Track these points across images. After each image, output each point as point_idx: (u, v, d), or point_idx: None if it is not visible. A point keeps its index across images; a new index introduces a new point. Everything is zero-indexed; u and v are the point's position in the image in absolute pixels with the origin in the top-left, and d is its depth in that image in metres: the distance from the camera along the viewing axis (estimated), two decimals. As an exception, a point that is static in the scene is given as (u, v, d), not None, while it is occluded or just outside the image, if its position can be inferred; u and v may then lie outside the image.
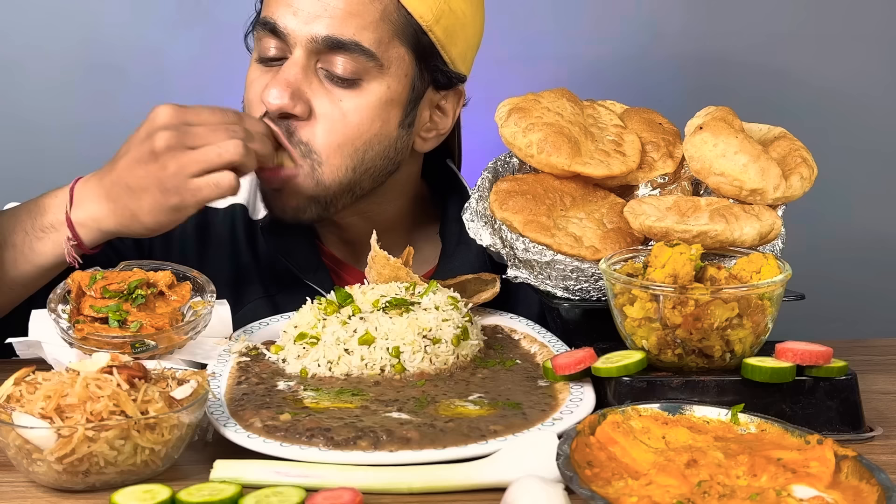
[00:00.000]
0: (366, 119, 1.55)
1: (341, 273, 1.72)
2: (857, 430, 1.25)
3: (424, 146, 1.69)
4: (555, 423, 1.17)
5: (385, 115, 1.57)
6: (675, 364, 1.26)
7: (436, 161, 1.77)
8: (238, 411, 1.20)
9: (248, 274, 1.68)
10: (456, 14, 1.60)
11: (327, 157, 1.55)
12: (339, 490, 1.03)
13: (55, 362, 1.35)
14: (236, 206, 1.72)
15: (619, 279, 1.27)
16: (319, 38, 1.51)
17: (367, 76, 1.54)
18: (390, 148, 1.61)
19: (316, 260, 1.69)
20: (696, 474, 1.01)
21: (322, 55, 1.53)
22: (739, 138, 1.40)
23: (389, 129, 1.59)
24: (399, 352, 1.33)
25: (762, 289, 1.24)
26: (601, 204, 1.49)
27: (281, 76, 1.52)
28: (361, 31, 1.51)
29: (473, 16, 1.64)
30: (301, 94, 1.53)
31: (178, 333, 1.34)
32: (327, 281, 1.66)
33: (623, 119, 1.59)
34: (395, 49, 1.55)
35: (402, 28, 1.55)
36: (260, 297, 1.64)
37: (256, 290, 1.65)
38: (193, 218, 1.66)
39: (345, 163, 1.56)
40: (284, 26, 1.52)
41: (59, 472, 1.07)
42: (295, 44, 1.53)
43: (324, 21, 1.51)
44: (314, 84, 1.54)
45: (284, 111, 1.52)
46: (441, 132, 1.70)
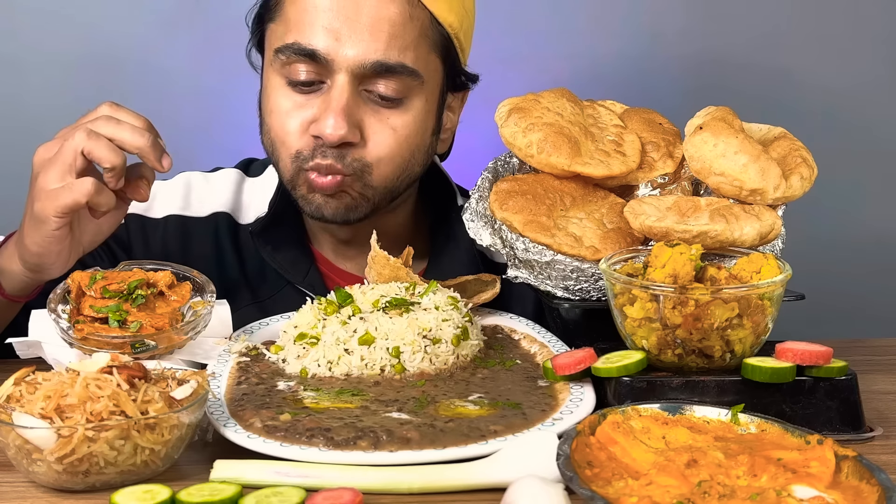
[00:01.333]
0: (412, 133, 1.57)
1: (333, 277, 1.71)
2: (857, 430, 1.25)
3: (442, 147, 1.71)
4: (555, 423, 1.17)
5: (425, 125, 1.60)
6: (675, 364, 1.26)
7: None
8: (238, 411, 1.20)
9: (235, 281, 1.67)
10: (469, 14, 1.63)
11: (377, 168, 1.56)
12: (339, 490, 1.03)
13: (55, 362, 1.35)
14: (219, 214, 1.71)
15: (619, 279, 1.27)
16: (368, 64, 1.50)
17: (411, 94, 1.55)
18: (425, 154, 1.64)
19: (308, 264, 1.68)
20: (696, 474, 1.01)
21: (367, 79, 1.52)
22: (739, 138, 1.40)
23: (427, 138, 1.62)
24: (399, 352, 1.33)
25: (762, 289, 1.24)
26: (601, 204, 1.49)
27: (335, 105, 1.50)
28: (405, 51, 1.52)
29: (473, 10, 1.66)
30: (353, 120, 1.52)
31: (178, 333, 1.34)
32: (319, 285, 1.65)
33: (623, 119, 1.59)
34: (431, 62, 1.57)
35: (436, 40, 1.57)
36: (249, 303, 1.62)
37: (245, 296, 1.63)
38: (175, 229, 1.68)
39: (393, 172, 1.58)
40: (327, 53, 1.49)
41: (59, 472, 1.07)
42: (339, 70, 1.50)
43: (370, 45, 1.49)
44: (362, 107, 1.53)
45: (346, 140, 1.51)
46: (451, 131, 1.72)
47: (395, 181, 1.59)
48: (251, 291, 1.67)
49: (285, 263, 1.66)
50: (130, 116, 1.38)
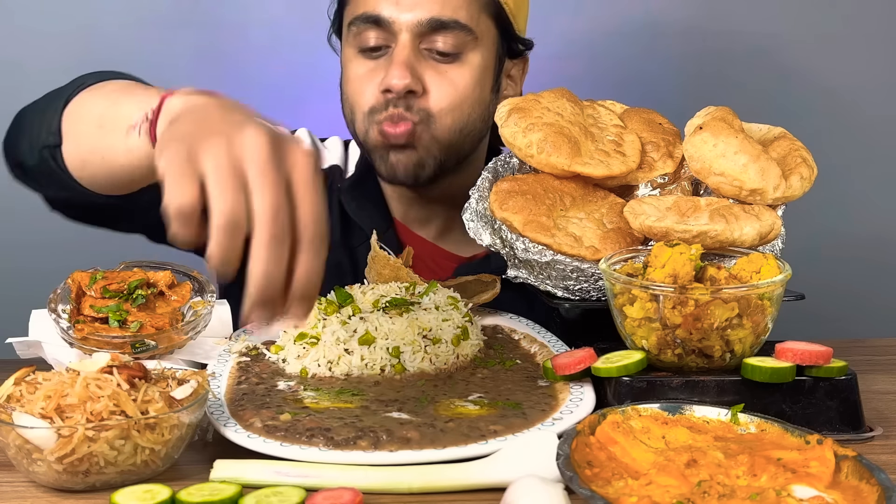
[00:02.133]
0: (469, 85, 1.70)
1: (405, 238, 1.84)
2: (857, 430, 1.25)
3: None
4: (555, 423, 1.17)
5: (483, 81, 1.72)
6: (675, 364, 1.26)
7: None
8: (238, 411, 1.20)
9: (333, 226, 1.78)
10: None
11: (440, 119, 1.68)
12: (339, 490, 1.03)
13: (55, 362, 1.35)
14: (334, 168, 1.86)
15: (619, 279, 1.27)
16: (424, 22, 1.65)
17: (466, 49, 1.69)
18: (486, 111, 1.74)
19: (386, 224, 1.82)
20: (695, 474, 1.01)
21: (425, 36, 1.67)
22: (739, 138, 1.40)
23: (485, 94, 1.74)
24: (399, 352, 1.33)
25: (762, 289, 1.24)
26: (601, 204, 1.49)
27: (398, 59, 1.65)
28: (458, 10, 1.67)
29: None
30: (417, 73, 1.66)
31: (178, 333, 1.34)
32: (395, 242, 1.80)
33: (623, 119, 1.59)
34: (483, 22, 1.71)
35: (486, 3, 1.71)
36: (339, 246, 1.78)
37: (337, 240, 1.79)
38: None
39: (455, 123, 1.69)
40: (389, 16, 1.66)
41: (59, 472, 1.07)
42: (400, 30, 1.66)
43: (425, 6, 1.66)
44: (422, 63, 1.68)
45: (409, 88, 1.65)
46: None
47: (457, 133, 1.71)
48: (344, 237, 1.81)
49: (367, 221, 1.80)
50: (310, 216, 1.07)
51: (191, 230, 0.98)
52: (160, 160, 1.01)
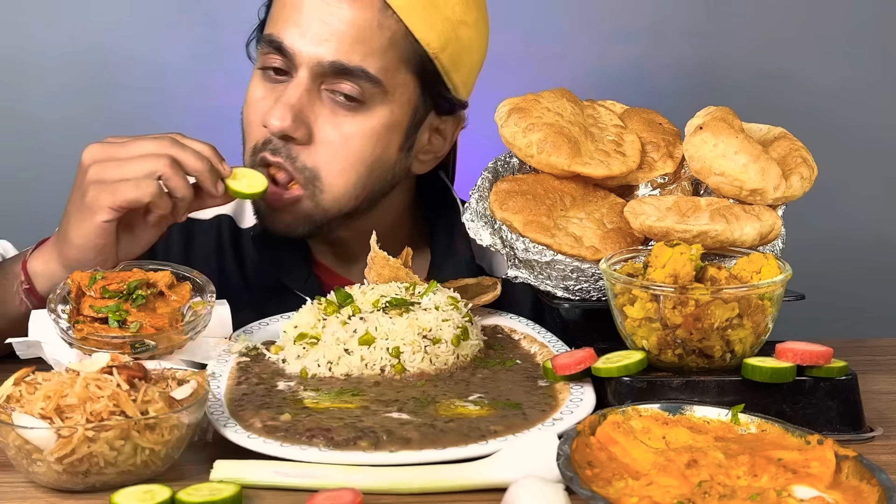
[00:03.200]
0: (367, 144, 1.56)
1: (331, 283, 1.68)
2: (857, 430, 1.25)
3: (421, 168, 1.70)
4: (555, 424, 1.17)
5: (386, 139, 1.58)
6: (676, 364, 1.26)
7: (429, 173, 1.76)
8: (238, 411, 1.20)
9: (235, 285, 1.68)
10: (462, 41, 1.60)
11: (329, 184, 1.56)
12: (340, 490, 1.03)
13: (55, 362, 1.35)
14: (222, 217, 1.73)
15: (620, 279, 1.27)
16: (326, 63, 1.51)
17: (372, 101, 1.54)
18: (389, 171, 1.62)
19: (306, 270, 1.69)
20: (696, 474, 1.01)
21: (327, 78, 1.53)
22: (739, 138, 1.40)
23: (390, 154, 1.60)
24: (399, 352, 1.32)
25: (762, 289, 1.24)
26: (601, 204, 1.49)
27: (285, 99, 1.52)
28: (368, 57, 1.52)
29: (479, 42, 1.64)
30: (303, 118, 1.53)
31: (178, 333, 1.34)
32: (318, 291, 1.62)
33: (623, 119, 1.59)
34: (400, 75, 1.56)
35: (408, 55, 1.56)
36: (248, 308, 1.57)
37: (244, 301, 1.60)
38: (179, 230, 1.69)
39: (348, 189, 1.57)
40: (291, 46, 1.52)
41: (59, 473, 1.07)
42: (300, 64, 1.52)
43: (331, 45, 1.51)
44: (317, 107, 1.54)
45: (286, 133, 1.52)
46: (438, 155, 1.70)
47: (351, 201, 1.59)
48: (251, 296, 1.67)
49: (285, 269, 1.68)
50: (194, 143, 1.44)
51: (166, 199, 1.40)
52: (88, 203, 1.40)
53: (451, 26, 1.57)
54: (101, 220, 1.39)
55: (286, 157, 1.54)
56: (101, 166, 1.39)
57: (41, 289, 1.45)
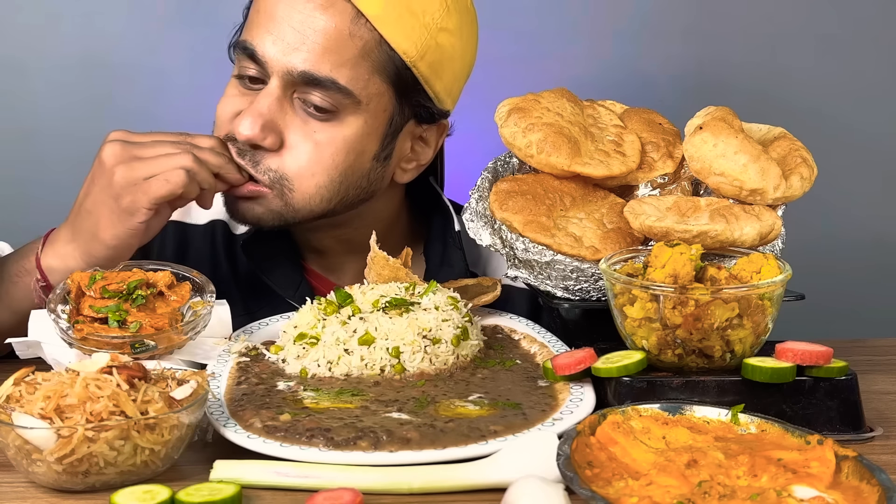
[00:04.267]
0: (339, 152, 1.54)
1: (323, 290, 1.68)
2: (857, 430, 1.25)
3: (404, 177, 1.68)
4: (555, 424, 1.17)
5: (359, 147, 1.56)
6: (676, 364, 1.26)
7: (419, 180, 1.75)
8: (238, 411, 1.20)
9: (228, 290, 1.64)
10: (443, 49, 1.57)
11: (299, 185, 1.54)
12: (339, 490, 1.03)
13: (55, 362, 1.35)
14: (216, 222, 1.73)
15: (619, 279, 1.27)
16: (296, 73, 1.50)
17: (344, 111, 1.53)
18: (363, 178, 1.60)
19: (298, 277, 1.69)
20: (696, 474, 1.01)
21: (298, 87, 1.52)
22: (739, 138, 1.40)
23: (363, 162, 1.58)
24: (399, 352, 1.32)
25: (762, 289, 1.24)
26: (601, 204, 1.49)
27: (255, 107, 1.51)
28: (339, 68, 1.50)
29: (463, 49, 1.61)
30: (273, 126, 1.52)
31: (178, 333, 1.34)
32: (308, 292, 1.63)
33: (623, 119, 1.59)
34: (374, 85, 1.53)
35: (382, 64, 1.53)
36: (241, 314, 1.56)
37: (237, 307, 1.55)
38: (173, 235, 1.69)
39: (319, 191, 1.55)
40: (263, 53, 1.51)
41: (59, 473, 1.07)
42: (272, 73, 1.51)
43: (301, 54, 1.49)
44: (289, 115, 1.53)
45: (253, 142, 1.52)
46: (422, 163, 1.69)
47: (324, 203, 1.57)
48: (243, 302, 1.65)
49: (276, 276, 1.67)
50: (205, 139, 1.51)
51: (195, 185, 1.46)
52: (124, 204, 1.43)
53: (430, 34, 1.54)
54: (139, 221, 1.43)
55: (250, 160, 1.53)
56: (127, 167, 1.43)
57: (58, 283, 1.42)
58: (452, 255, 1.72)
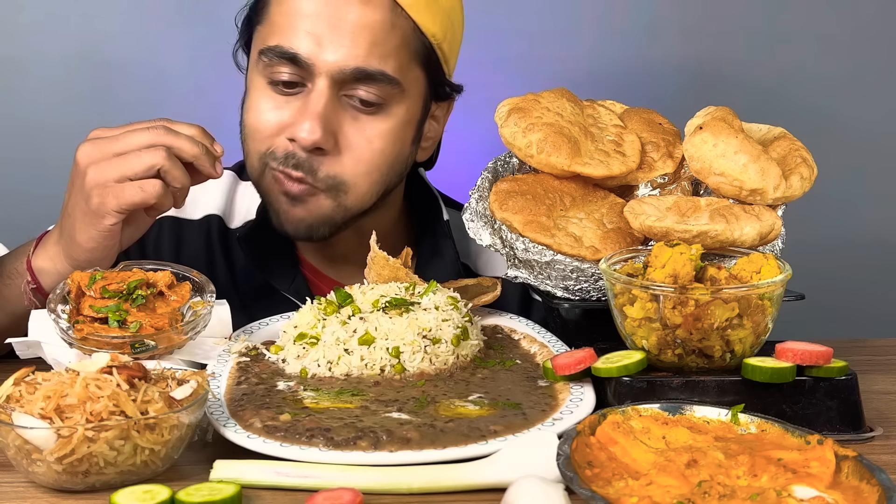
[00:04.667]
0: (389, 143, 1.57)
1: (319, 283, 1.71)
2: (857, 430, 1.25)
3: (423, 155, 1.71)
4: (555, 424, 1.17)
5: (403, 136, 1.59)
6: (675, 364, 1.26)
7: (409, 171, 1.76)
8: (238, 411, 1.20)
9: (223, 285, 1.66)
10: (455, 27, 1.62)
11: (354, 186, 1.56)
12: (339, 490, 1.03)
13: (55, 362, 1.35)
14: (211, 217, 1.73)
15: (619, 279, 1.27)
16: (348, 70, 1.50)
17: (391, 101, 1.55)
18: (403, 165, 1.63)
19: (293, 271, 1.69)
20: (696, 474, 1.01)
21: (346, 84, 1.52)
22: (739, 138, 1.40)
23: (405, 148, 1.62)
24: (399, 352, 1.32)
25: (762, 289, 1.24)
26: (601, 204, 1.49)
27: (311, 110, 1.51)
28: (385, 59, 1.52)
29: (461, 23, 1.66)
30: (330, 127, 1.52)
31: (178, 333, 1.34)
32: (305, 292, 1.64)
33: (623, 119, 1.59)
34: (412, 71, 1.57)
35: (417, 50, 1.57)
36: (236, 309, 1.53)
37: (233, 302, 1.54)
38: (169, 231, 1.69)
39: (370, 189, 1.58)
40: (308, 57, 1.50)
41: (59, 473, 1.07)
42: (319, 74, 1.51)
43: (351, 51, 1.50)
44: (339, 114, 1.54)
45: (318, 146, 1.52)
46: (434, 140, 1.72)
47: (372, 198, 1.59)
48: (239, 297, 1.65)
49: (272, 270, 1.67)
50: (185, 127, 1.41)
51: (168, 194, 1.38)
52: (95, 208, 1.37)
53: (446, 13, 1.59)
54: (109, 224, 1.38)
55: (308, 170, 1.54)
56: (99, 167, 1.37)
57: (49, 286, 1.44)
58: (443, 246, 1.72)
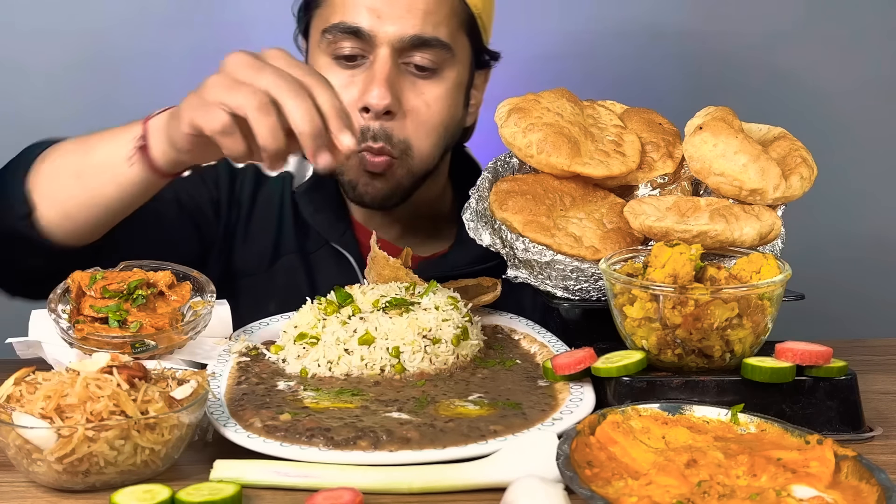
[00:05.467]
0: (445, 105, 1.69)
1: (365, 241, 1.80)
2: (856, 430, 1.25)
3: (469, 119, 1.82)
4: (555, 423, 1.17)
5: (457, 98, 1.72)
6: (675, 364, 1.26)
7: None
8: (238, 411, 1.20)
9: (287, 233, 1.80)
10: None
11: (418, 149, 1.68)
12: (339, 490, 1.03)
13: (55, 362, 1.35)
14: (287, 174, 1.83)
15: (619, 279, 1.27)
16: (406, 38, 1.63)
17: (444, 65, 1.67)
18: (457, 127, 1.75)
19: (344, 226, 1.80)
20: (695, 474, 1.01)
21: (404, 52, 1.64)
22: (739, 138, 1.40)
23: (458, 111, 1.74)
24: (399, 352, 1.33)
25: (762, 289, 1.24)
26: (601, 204, 1.49)
27: (379, 77, 1.63)
28: (438, 27, 1.65)
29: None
30: (395, 91, 1.64)
31: (178, 333, 1.34)
32: (352, 245, 1.78)
33: (623, 119, 1.59)
34: (460, 38, 1.70)
35: (462, 18, 1.70)
36: (294, 251, 1.77)
37: (292, 246, 1.78)
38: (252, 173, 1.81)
39: (432, 150, 1.70)
40: (370, 28, 1.63)
41: (59, 472, 1.07)
42: (381, 44, 1.63)
43: (408, 21, 1.63)
44: (400, 79, 1.66)
45: (388, 109, 1.63)
46: (477, 106, 1.84)
47: (433, 159, 1.71)
48: (299, 244, 1.79)
49: (324, 224, 1.78)
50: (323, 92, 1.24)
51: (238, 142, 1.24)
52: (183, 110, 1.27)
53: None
54: (184, 131, 1.28)
55: (385, 138, 1.65)
56: (215, 79, 1.26)
57: (154, 151, 1.37)
58: None
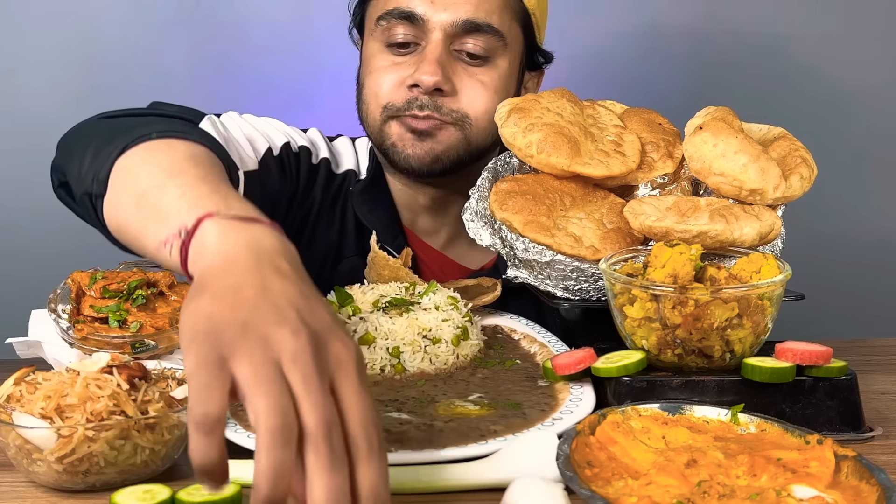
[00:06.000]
0: (497, 90, 1.71)
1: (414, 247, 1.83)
2: (856, 430, 1.25)
3: None
4: (555, 423, 1.17)
5: (508, 87, 1.74)
6: (675, 364, 1.26)
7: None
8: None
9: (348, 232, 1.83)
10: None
11: (476, 121, 1.70)
12: (339, 490, 1.03)
13: (55, 362, 1.35)
14: (350, 171, 1.85)
15: (619, 279, 1.27)
16: (459, 23, 1.67)
17: (495, 54, 1.70)
18: None
19: (396, 229, 1.83)
20: (695, 474, 1.01)
21: (456, 38, 1.68)
22: (739, 138, 1.40)
23: None
24: (399, 352, 1.33)
25: (762, 289, 1.24)
26: (601, 204, 1.49)
27: (430, 57, 1.66)
28: (491, 13, 1.69)
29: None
30: (446, 72, 1.67)
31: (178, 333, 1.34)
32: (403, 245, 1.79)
33: (623, 119, 1.59)
34: (513, 29, 1.73)
35: (517, 11, 1.74)
36: (354, 254, 1.79)
37: (352, 247, 1.81)
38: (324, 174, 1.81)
39: (488, 126, 1.70)
40: (423, 13, 1.67)
41: (59, 472, 1.07)
42: (433, 28, 1.67)
43: (461, 7, 1.67)
44: (452, 63, 1.69)
45: (438, 86, 1.66)
46: None
47: (490, 137, 1.71)
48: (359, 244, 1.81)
49: (378, 225, 1.80)
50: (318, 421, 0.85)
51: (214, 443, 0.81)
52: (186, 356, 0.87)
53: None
54: None
55: (433, 108, 1.67)
56: None
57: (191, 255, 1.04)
58: None
